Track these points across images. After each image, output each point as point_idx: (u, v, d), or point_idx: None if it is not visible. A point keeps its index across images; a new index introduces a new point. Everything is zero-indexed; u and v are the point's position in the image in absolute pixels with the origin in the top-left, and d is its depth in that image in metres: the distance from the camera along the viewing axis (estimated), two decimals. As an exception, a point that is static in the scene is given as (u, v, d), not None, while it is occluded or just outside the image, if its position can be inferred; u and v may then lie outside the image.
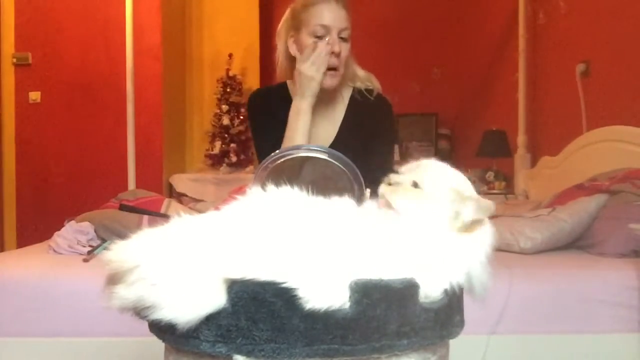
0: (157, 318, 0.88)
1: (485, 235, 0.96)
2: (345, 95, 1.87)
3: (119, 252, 0.93)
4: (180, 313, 0.87)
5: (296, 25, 1.78)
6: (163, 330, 0.92)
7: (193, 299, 0.87)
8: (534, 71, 4.11)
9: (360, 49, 1.92)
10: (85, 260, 2.24)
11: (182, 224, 0.96)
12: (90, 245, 2.40)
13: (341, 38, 1.74)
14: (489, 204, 0.94)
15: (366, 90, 1.86)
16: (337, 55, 1.74)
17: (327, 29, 1.73)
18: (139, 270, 0.88)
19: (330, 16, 1.72)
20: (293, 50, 1.80)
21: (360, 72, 1.89)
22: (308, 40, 1.74)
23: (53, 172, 4.55)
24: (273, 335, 0.87)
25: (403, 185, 0.97)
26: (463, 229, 0.93)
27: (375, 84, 1.89)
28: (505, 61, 4.42)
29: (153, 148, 4.46)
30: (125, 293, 0.89)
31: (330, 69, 1.75)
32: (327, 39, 1.73)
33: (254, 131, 1.88)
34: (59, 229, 2.50)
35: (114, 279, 0.92)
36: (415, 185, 0.97)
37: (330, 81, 1.76)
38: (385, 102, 1.87)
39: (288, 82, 1.89)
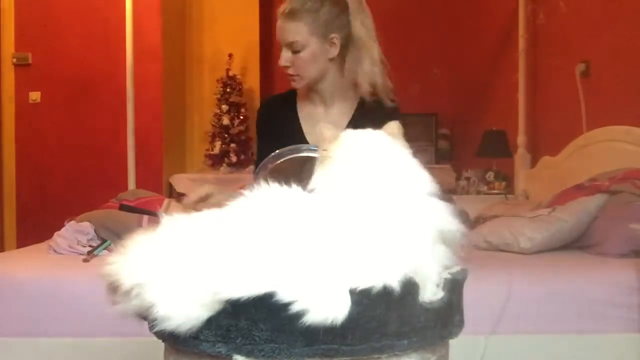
0: (160, 329, 0.89)
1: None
2: (354, 103, 1.85)
3: (116, 269, 0.93)
4: (181, 323, 0.88)
5: None
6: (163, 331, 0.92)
7: (194, 310, 0.88)
8: (534, 71, 4.11)
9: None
10: (85, 260, 2.24)
11: (176, 232, 0.95)
12: (90, 245, 2.40)
13: (294, 51, 1.73)
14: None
15: (375, 101, 1.85)
16: (286, 68, 1.74)
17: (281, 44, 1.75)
18: (137, 289, 0.89)
19: (279, 32, 1.74)
20: None
21: (385, 84, 1.87)
22: None
23: (53, 172, 4.54)
24: (273, 335, 0.87)
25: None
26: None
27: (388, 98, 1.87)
28: (505, 61, 4.42)
29: (153, 148, 4.45)
30: (126, 303, 0.91)
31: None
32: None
33: (259, 141, 1.88)
34: (59, 229, 2.50)
35: (115, 289, 0.93)
36: None
37: (295, 84, 1.78)
38: (395, 111, 1.87)
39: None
